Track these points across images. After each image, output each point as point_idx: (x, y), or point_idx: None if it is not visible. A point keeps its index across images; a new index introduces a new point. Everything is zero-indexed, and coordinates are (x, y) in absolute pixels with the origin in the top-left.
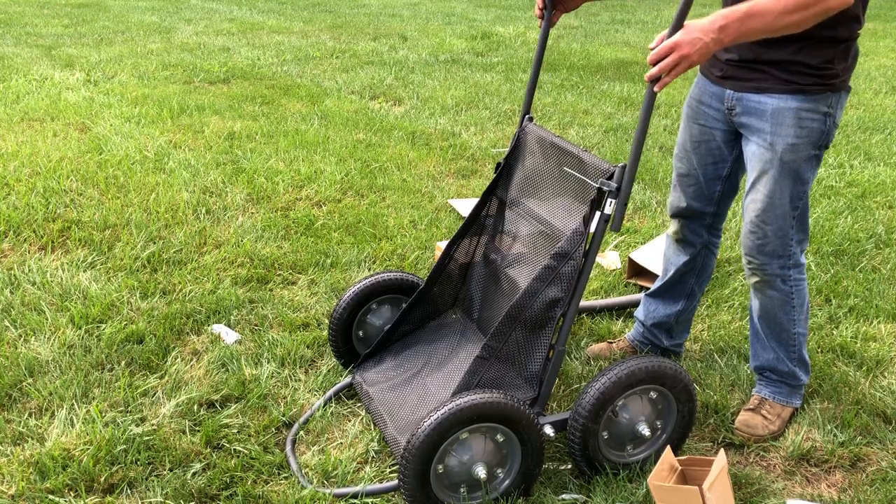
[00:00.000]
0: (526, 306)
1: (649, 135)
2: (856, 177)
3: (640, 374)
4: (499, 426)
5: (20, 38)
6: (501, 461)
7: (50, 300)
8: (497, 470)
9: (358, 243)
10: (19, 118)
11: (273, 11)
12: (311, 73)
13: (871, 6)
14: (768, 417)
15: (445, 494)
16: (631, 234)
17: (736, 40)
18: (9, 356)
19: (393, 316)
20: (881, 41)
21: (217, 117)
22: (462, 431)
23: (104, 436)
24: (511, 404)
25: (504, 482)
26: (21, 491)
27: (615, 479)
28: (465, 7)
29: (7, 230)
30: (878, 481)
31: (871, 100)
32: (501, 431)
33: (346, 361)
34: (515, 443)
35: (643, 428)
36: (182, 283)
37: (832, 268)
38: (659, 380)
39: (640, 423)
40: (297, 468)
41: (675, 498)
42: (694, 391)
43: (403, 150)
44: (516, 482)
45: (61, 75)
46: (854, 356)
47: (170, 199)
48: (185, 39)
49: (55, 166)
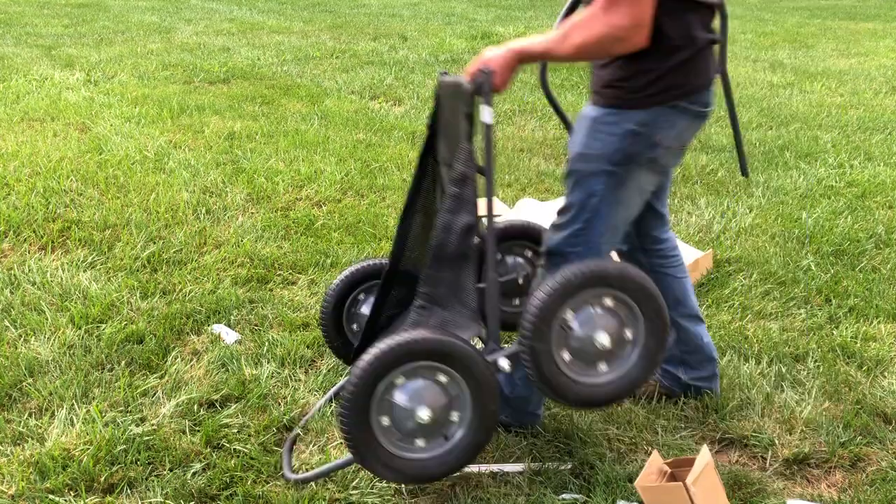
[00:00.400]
0: (445, 242)
1: None
2: (856, 177)
3: (576, 279)
4: (435, 365)
5: (20, 38)
6: (451, 404)
7: (50, 300)
8: (451, 414)
9: (358, 243)
10: (19, 118)
11: (273, 11)
12: (311, 73)
13: (870, 6)
14: None
15: (401, 449)
16: None
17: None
18: (9, 356)
19: None
20: (881, 41)
21: (217, 117)
22: (396, 377)
23: (104, 436)
24: (438, 339)
25: (461, 427)
26: (21, 491)
27: (615, 480)
28: (465, 7)
29: (7, 230)
30: (878, 481)
31: (871, 100)
32: (440, 371)
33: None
34: (460, 381)
35: (603, 338)
36: (182, 283)
37: (832, 268)
38: (604, 282)
39: (600, 333)
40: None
41: (662, 497)
42: (652, 289)
43: (403, 150)
44: (474, 424)
45: (61, 75)
46: (854, 356)
47: (170, 199)
48: (185, 39)
49: (55, 166)
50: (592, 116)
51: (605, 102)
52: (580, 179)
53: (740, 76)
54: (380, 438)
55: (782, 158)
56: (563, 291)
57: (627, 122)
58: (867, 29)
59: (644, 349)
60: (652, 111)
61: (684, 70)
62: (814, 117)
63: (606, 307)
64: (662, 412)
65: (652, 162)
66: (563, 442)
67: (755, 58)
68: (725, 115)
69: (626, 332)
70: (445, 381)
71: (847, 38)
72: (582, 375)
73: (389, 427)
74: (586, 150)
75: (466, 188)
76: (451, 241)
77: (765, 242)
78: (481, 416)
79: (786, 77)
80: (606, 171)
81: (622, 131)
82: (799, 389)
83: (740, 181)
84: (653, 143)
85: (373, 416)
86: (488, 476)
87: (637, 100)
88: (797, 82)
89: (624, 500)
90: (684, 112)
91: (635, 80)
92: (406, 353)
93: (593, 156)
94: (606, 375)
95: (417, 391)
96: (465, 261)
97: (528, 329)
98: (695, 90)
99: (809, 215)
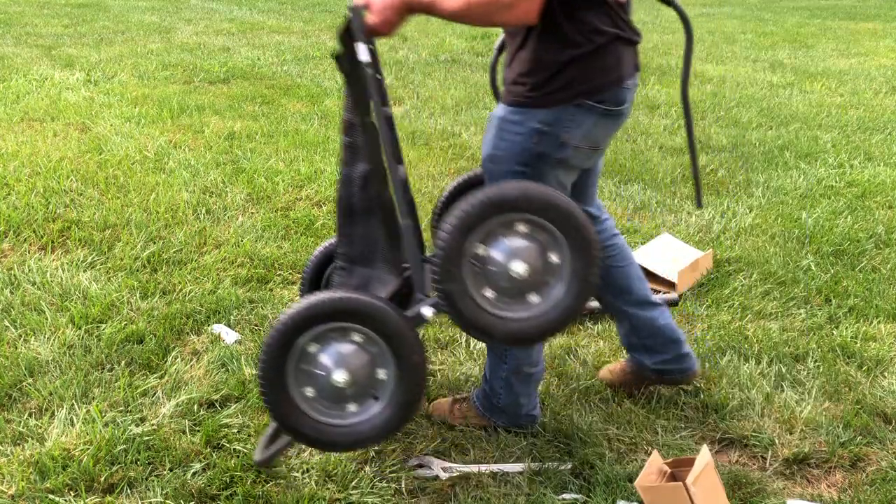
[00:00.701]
0: (349, 195)
1: (649, 135)
2: (856, 177)
3: (474, 210)
4: (344, 325)
5: (20, 38)
6: (375, 362)
7: (50, 300)
8: (377, 372)
9: None
10: (19, 118)
11: (273, 11)
12: (311, 73)
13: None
14: (455, 414)
15: (333, 417)
16: (631, 234)
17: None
18: (9, 356)
19: None
20: (881, 41)
21: (217, 117)
22: (306, 344)
23: (104, 436)
24: (339, 298)
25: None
26: (21, 491)
27: (615, 480)
28: None
29: (7, 230)
30: (878, 481)
31: (871, 100)
32: (352, 331)
33: None
34: (375, 337)
35: (519, 267)
36: (182, 283)
37: (832, 268)
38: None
39: (515, 263)
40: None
41: (662, 497)
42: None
43: (403, 150)
44: (401, 380)
45: (61, 75)
46: (854, 356)
47: (170, 199)
48: (185, 39)
49: (55, 166)
50: (499, 116)
51: (510, 101)
52: (493, 181)
53: (740, 76)
54: (306, 409)
55: (782, 158)
56: (463, 226)
57: (532, 121)
58: (867, 29)
59: (573, 272)
60: (556, 110)
61: (584, 66)
62: (814, 117)
63: (521, 234)
64: (662, 412)
65: (561, 162)
66: (563, 442)
67: (755, 58)
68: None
69: (550, 256)
70: (360, 339)
71: (847, 38)
72: (510, 311)
73: (315, 397)
74: (495, 151)
75: (356, 136)
76: (353, 194)
77: (765, 242)
78: (406, 370)
79: (786, 77)
80: (516, 171)
81: (527, 130)
82: (799, 389)
83: (740, 181)
84: (560, 143)
85: (292, 387)
86: (488, 476)
87: (539, 98)
88: (797, 82)
89: (624, 500)
90: (591, 111)
91: (535, 75)
92: (306, 318)
93: (501, 157)
94: (538, 307)
95: (334, 355)
96: (371, 213)
97: (436, 272)
98: (601, 88)
99: (809, 215)
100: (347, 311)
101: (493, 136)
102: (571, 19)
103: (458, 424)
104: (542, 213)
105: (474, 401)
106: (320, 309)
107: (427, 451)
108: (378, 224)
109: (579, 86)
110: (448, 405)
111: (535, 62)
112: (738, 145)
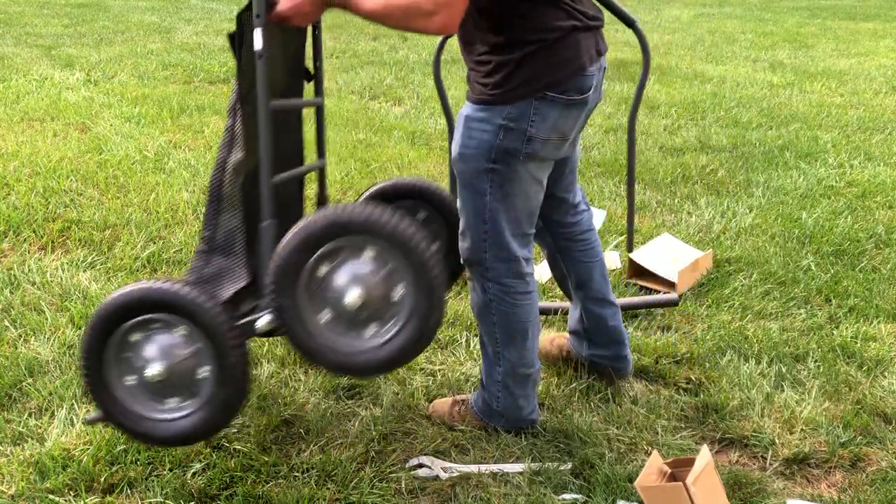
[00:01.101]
0: (220, 181)
1: (649, 135)
2: (856, 177)
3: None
4: (168, 317)
5: (20, 38)
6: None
7: (50, 300)
8: (199, 370)
9: None
10: (19, 118)
11: None
12: None
13: (870, 6)
14: (454, 417)
15: (153, 410)
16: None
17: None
18: (9, 356)
19: None
20: (881, 41)
21: (217, 117)
22: (129, 333)
23: (104, 436)
24: (155, 288)
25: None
26: (21, 491)
27: (615, 480)
28: None
29: (7, 230)
30: (879, 481)
31: (871, 100)
32: (177, 323)
33: None
34: (197, 332)
35: (354, 295)
36: None
37: (832, 268)
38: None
39: (352, 290)
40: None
41: (662, 497)
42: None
43: (403, 150)
44: (222, 381)
45: (61, 75)
46: (854, 356)
47: (170, 199)
48: (185, 39)
49: (55, 166)
50: (466, 115)
51: (475, 99)
52: (466, 181)
53: (740, 76)
54: (125, 398)
55: (782, 158)
56: (301, 242)
57: (497, 117)
58: (867, 29)
59: (413, 310)
60: (518, 105)
61: (542, 61)
62: (814, 117)
63: (366, 261)
64: (662, 412)
65: (531, 156)
66: (563, 442)
67: (755, 58)
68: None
69: (392, 290)
70: (185, 333)
71: (847, 38)
72: (342, 339)
73: (136, 386)
74: (463, 150)
75: (237, 122)
76: (224, 181)
77: (765, 242)
78: (225, 371)
79: (786, 77)
80: (487, 168)
81: (493, 127)
82: (799, 389)
83: (740, 181)
84: (528, 137)
85: (113, 375)
86: (488, 476)
87: (501, 95)
88: (797, 82)
89: (624, 500)
90: (553, 102)
91: (494, 74)
92: (120, 307)
93: (471, 155)
94: (370, 341)
95: (156, 346)
96: (238, 205)
97: (269, 284)
98: (561, 80)
99: (809, 215)
100: (161, 303)
101: (460, 134)
102: (514, 20)
103: (458, 426)
104: (386, 241)
105: (472, 406)
106: (135, 298)
107: (427, 451)
108: (242, 217)
109: (539, 81)
110: (448, 407)
111: (491, 63)
112: (738, 145)
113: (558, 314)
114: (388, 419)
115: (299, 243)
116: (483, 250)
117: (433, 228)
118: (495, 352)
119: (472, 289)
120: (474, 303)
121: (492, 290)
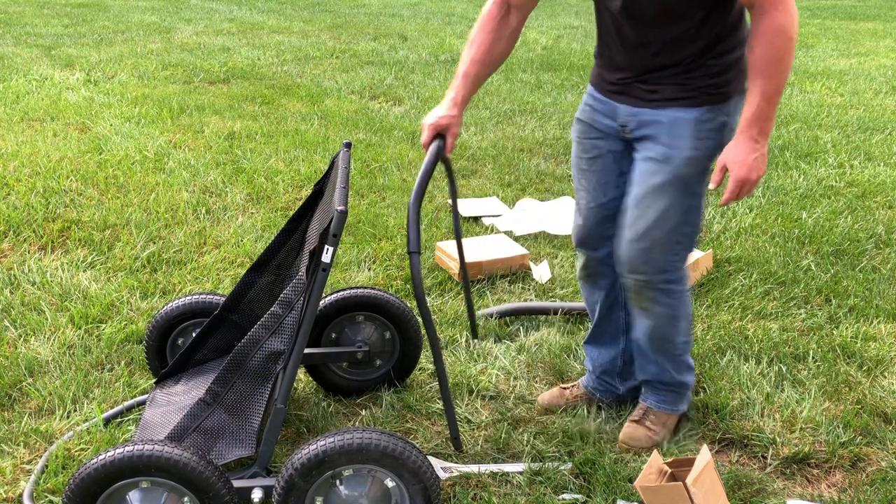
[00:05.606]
0: (248, 354)
1: None
2: (856, 177)
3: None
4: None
5: (20, 38)
6: None
7: (50, 300)
8: None
9: (358, 243)
10: (19, 118)
11: (273, 11)
12: (311, 73)
13: (870, 6)
14: (652, 428)
15: None
16: None
17: (771, 126)
18: (9, 356)
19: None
20: (881, 41)
21: (217, 117)
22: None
23: (104, 436)
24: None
25: None
26: (21, 491)
27: (615, 480)
28: (465, 7)
29: (7, 230)
30: (878, 481)
31: (872, 100)
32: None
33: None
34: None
35: None
36: (182, 283)
37: (832, 268)
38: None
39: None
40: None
41: (662, 497)
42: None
43: (403, 150)
44: None
45: (61, 75)
46: (854, 356)
47: (170, 199)
48: (185, 39)
49: (55, 166)
50: (695, 118)
51: (698, 102)
52: (683, 185)
53: None
54: None
55: (782, 158)
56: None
57: (722, 115)
58: (867, 29)
59: None
60: (733, 101)
61: (743, 60)
62: (814, 117)
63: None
64: None
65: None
66: (563, 442)
67: None
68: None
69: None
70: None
71: (847, 38)
72: None
73: None
74: (696, 153)
75: (289, 317)
76: (255, 358)
77: (765, 242)
78: None
79: None
80: (707, 168)
81: (718, 125)
82: (799, 389)
83: None
84: (732, 129)
85: None
86: (488, 476)
87: (726, 92)
88: (797, 82)
89: (624, 500)
90: (742, 94)
91: (725, 74)
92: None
93: (701, 157)
94: None
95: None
96: (264, 382)
97: (297, 463)
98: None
99: (809, 215)
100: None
101: (689, 138)
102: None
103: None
104: (404, 479)
105: (659, 407)
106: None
107: (427, 451)
108: (259, 393)
109: (742, 73)
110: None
111: (724, 61)
112: None
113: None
114: (388, 419)
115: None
116: (675, 252)
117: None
118: (676, 346)
119: (649, 306)
120: (653, 322)
121: (675, 290)
